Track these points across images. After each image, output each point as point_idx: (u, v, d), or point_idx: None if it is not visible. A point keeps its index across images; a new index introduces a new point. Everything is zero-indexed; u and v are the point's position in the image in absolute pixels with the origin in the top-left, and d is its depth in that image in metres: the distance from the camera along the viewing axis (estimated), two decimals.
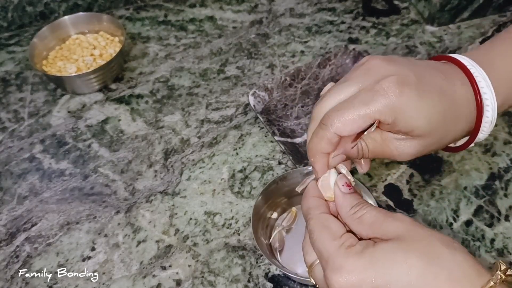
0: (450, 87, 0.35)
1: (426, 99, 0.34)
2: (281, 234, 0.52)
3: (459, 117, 0.35)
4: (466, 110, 0.35)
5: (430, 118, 0.34)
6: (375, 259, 0.29)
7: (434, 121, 0.34)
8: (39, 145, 0.64)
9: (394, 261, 0.29)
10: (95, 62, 0.71)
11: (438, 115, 0.34)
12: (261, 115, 0.63)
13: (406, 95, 0.33)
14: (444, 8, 0.74)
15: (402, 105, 0.33)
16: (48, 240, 0.54)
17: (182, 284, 0.50)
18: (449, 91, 0.35)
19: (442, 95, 0.34)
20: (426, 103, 0.34)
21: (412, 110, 0.33)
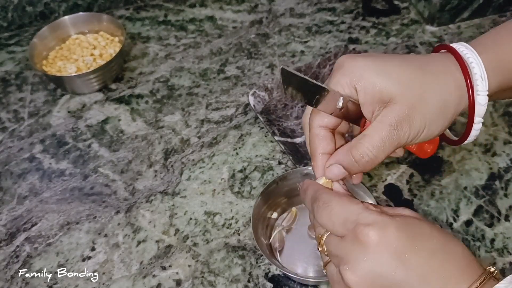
0: (421, 57, 0.35)
1: (386, 62, 0.34)
2: (281, 234, 0.52)
3: (439, 81, 0.34)
4: (446, 80, 0.34)
5: (395, 75, 0.33)
6: (407, 224, 0.30)
7: (402, 78, 0.33)
8: (39, 145, 0.64)
9: (422, 229, 0.30)
10: (95, 62, 0.71)
11: (404, 76, 0.33)
12: (261, 115, 0.63)
13: (361, 61, 0.34)
14: (444, 8, 0.74)
15: (359, 70, 0.33)
16: (48, 240, 0.54)
17: (182, 284, 0.50)
18: (422, 60, 0.34)
19: (407, 60, 0.34)
20: (385, 63, 0.34)
21: (372, 72, 0.33)
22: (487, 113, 0.63)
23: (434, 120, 0.34)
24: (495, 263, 0.49)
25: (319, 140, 0.36)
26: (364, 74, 0.33)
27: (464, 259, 0.30)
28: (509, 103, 0.64)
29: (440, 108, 0.34)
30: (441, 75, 0.34)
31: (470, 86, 0.34)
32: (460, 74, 0.34)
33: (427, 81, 0.33)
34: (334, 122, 0.36)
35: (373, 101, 0.34)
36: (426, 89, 0.33)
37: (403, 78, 0.33)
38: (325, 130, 0.36)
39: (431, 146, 0.43)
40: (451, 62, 0.34)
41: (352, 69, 0.34)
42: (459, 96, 0.34)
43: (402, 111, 0.33)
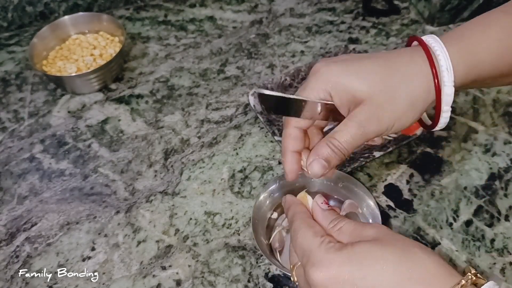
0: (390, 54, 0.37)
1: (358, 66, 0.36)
2: (281, 234, 0.52)
3: (405, 74, 0.36)
4: (414, 75, 0.36)
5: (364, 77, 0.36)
6: (353, 254, 0.31)
7: (371, 80, 0.36)
8: (39, 145, 0.64)
9: (371, 256, 0.30)
10: (95, 62, 0.71)
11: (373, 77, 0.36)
12: (261, 115, 0.63)
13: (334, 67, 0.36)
14: (444, 8, 0.74)
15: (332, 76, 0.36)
16: (48, 240, 0.54)
17: (182, 284, 0.50)
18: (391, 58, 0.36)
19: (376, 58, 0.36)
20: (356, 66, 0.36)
21: (345, 77, 0.36)
22: (487, 113, 0.63)
23: (404, 115, 0.36)
24: (495, 263, 0.49)
25: (291, 139, 0.39)
26: (337, 80, 0.36)
27: (427, 274, 0.29)
28: (509, 103, 0.64)
29: (409, 103, 0.36)
30: (409, 74, 0.36)
31: (436, 78, 0.36)
32: (427, 68, 0.36)
33: (395, 79, 0.36)
34: (309, 123, 0.39)
35: (348, 103, 0.37)
36: (395, 87, 0.36)
37: (372, 79, 0.36)
38: (298, 130, 0.39)
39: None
40: (419, 56, 0.37)
41: (326, 75, 0.37)
42: (427, 89, 0.36)
43: (370, 110, 0.36)
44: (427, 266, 0.29)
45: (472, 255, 0.50)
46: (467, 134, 0.61)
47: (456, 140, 0.61)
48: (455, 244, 0.51)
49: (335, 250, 0.31)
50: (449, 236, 0.52)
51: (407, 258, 0.30)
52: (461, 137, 0.61)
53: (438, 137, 0.61)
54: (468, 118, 0.63)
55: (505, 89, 0.66)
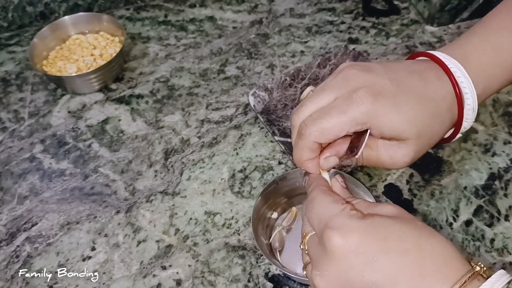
0: (427, 86, 0.36)
1: (404, 103, 0.34)
2: (281, 234, 0.52)
3: (442, 112, 0.36)
4: (446, 104, 0.36)
5: (413, 120, 0.34)
6: (376, 224, 0.30)
7: (418, 123, 0.35)
8: (39, 145, 0.64)
9: (393, 229, 0.30)
10: (95, 62, 0.71)
11: (421, 116, 0.35)
12: (261, 115, 0.63)
13: (380, 102, 0.34)
14: (444, 8, 0.74)
15: (378, 112, 0.34)
16: (49, 240, 0.54)
17: (182, 284, 0.50)
18: (427, 90, 0.36)
19: (420, 96, 0.35)
20: (404, 106, 0.34)
21: (390, 115, 0.34)
22: (486, 113, 0.63)
23: (432, 140, 0.37)
24: (495, 263, 0.50)
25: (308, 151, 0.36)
26: (383, 119, 0.34)
27: (445, 257, 0.29)
28: (509, 103, 0.64)
29: (443, 133, 0.38)
30: (443, 110, 0.36)
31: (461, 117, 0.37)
32: (454, 103, 0.36)
33: (435, 122, 0.36)
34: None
35: (387, 136, 0.35)
36: (435, 128, 0.36)
37: (417, 121, 0.35)
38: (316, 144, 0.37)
39: None
40: (449, 93, 0.36)
41: (371, 109, 0.34)
42: (452, 121, 0.37)
43: (415, 150, 0.36)
44: (447, 247, 0.30)
45: (472, 255, 0.50)
46: (467, 134, 0.61)
47: (456, 140, 0.61)
48: (455, 244, 0.51)
49: (357, 218, 0.31)
50: (449, 236, 0.52)
51: (429, 236, 0.30)
52: (460, 137, 0.61)
53: None
54: None
55: (505, 89, 0.66)
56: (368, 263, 0.29)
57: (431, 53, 0.37)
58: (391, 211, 0.32)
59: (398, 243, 0.29)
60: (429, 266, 0.28)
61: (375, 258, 0.29)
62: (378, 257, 0.29)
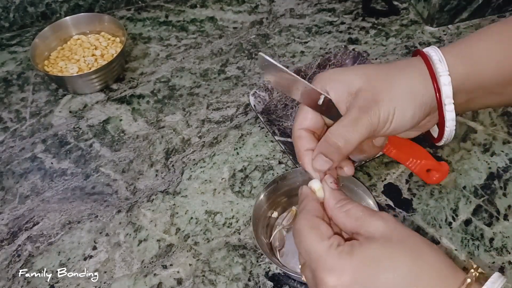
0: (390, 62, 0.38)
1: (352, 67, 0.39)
2: (281, 233, 0.52)
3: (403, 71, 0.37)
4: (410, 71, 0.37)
5: (361, 71, 0.37)
6: (365, 258, 0.30)
7: (367, 73, 0.37)
8: (40, 145, 0.65)
9: (383, 258, 0.30)
10: (96, 62, 0.71)
11: (369, 70, 0.37)
12: (262, 115, 0.63)
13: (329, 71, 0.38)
14: (444, 8, 0.74)
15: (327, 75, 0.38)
16: (50, 239, 0.54)
17: (183, 283, 0.50)
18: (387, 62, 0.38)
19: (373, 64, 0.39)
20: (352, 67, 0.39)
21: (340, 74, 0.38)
22: (485, 113, 0.63)
23: (403, 104, 0.36)
24: (494, 262, 0.50)
25: (301, 140, 0.39)
26: (332, 77, 0.38)
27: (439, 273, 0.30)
28: None
29: (407, 93, 0.36)
30: (405, 68, 0.37)
31: (431, 71, 0.36)
32: (423, 65, 0.37)
33: (391, 72, 0.37)
34: (314, 124, 0.39)
35: (344, 96, 0.37)
36: (391, 78, 0.37)
37: (368, 73, 0.37)
38: (305, 131, 0.39)
39: (438, 174, 0.44)
40: (416, 59, 0.38)
41: (322, 76, 0.38)
42: (424, 82, 0.37)
43: (368, 95, 0.36)
44: (436, 266, 0.30)
45: (471, 254, 0.50)
46: (466, 134, 0.61)
47: (455, 139, 0.61)
48: (454, 243, 0.51)
49: (346, 253, 0.31)
50: (448, 236, 0.52)
51: (418, 258, 0.30)
52: (460, 137, 0.61)
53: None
54: (467, 118, 0.63)
55: None
56: None
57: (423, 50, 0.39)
58: (381, 228, 0.32)
59: (389, 273, 0.30)
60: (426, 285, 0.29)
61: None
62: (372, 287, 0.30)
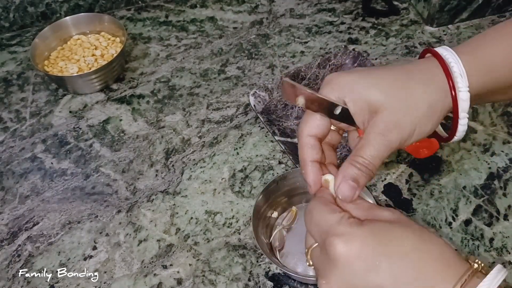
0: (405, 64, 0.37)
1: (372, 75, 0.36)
2: (281, 233, 0.52)
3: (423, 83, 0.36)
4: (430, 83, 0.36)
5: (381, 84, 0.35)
6: (376, 230, 0.31)
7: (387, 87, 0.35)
8: (40, 145, 0.65)
9: (393, 233, 0.31)
10: (96, 62, 0.71)
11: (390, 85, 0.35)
12: (262, 115, 0.63)
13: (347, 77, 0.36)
14: (444, 8, 0.74)
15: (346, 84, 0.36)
16: (50, 239, 0.54)
17: (183, 283, 0.50)
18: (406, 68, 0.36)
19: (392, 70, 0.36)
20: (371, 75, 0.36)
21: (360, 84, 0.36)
22: (485, 113, 0.63)
23: (423, 122, 0.36)
24: (494, 262, 0.50)
25: (308, 149, 0.38)
26: (352, 87, 0.36)
27: (444, 258, 0.30)
28: (508, 103, 0.65)
29: (427, 110, 0.36)
30: (425, 79, 0.36)
31: (452, 84, 0.35)
32: (442, 75, 0.36)
33: (411, 87, 0.35)
34: (322, 132, 0.38)
35: (362, 111, 0.36)
36: (412, 95, 0.35)
37: (388, 88, 0.35)
38: (313, 139, 0.38)
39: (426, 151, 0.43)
40: (434, 65, 0.36)
41: (340, 84, 0.36)
42: (443, 95, 0.36)
43: (389, 118, 0.35)
44: (444, 249, 0.30)
45: (471, 254, 0.51)
46: (466, 134, 0.61)
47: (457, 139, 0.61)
48: (454, 243, 0.51)
49: (357, 224, 0.31)
50: (448, 235, 0.52)
51: (426, 239, 0.31)
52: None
53: None
54: None
55: None
56: (371, 268, 0.30)
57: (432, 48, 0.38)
58: (389, 216, 0.33)
59: (398, 247, 0.30)
60: (430, 268, 0.29)
61: (377, 263, 0.30)
62: (380, 261, 0.30)
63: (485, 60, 0.36)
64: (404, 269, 0.29)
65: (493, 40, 0.38)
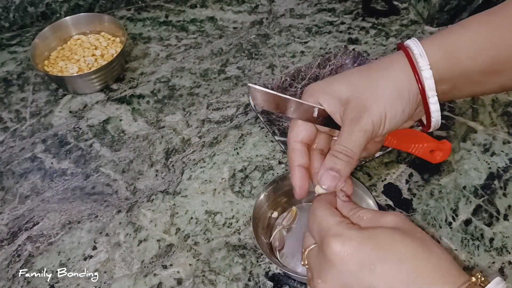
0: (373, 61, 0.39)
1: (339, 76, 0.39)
2: (281, 233, 0.52)
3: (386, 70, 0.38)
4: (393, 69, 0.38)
5: (346, 79, 0.39)
6: (375, 235, 0.31)
7: (353, 80, 0.38)
8: (40, 145, 0.65)
9: (392, 241, 0.31)
10: (96, 62, 0.71)
11: (354, 78, 0.38)
12: (262, 115, 0.63)
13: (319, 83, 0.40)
14: (444, 8, 0.74)
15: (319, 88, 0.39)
16: (50, 239, 0.54)
17: (183, 283, 0.50)
18: (371, 62, 0.39)
19: (357, 68, 0.39)
20: (338, 76, 0.39)
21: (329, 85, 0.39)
22: (485, 113, 0.63)
23: (392, 104, 0.37)
24: (494, 262, 0.50)
25: (295, 154, 0.40)
26: (322, 89, 0.39)
27: (441, 268, 0.30)
28: (508, 103, 0.65)
29: (394, 91, 0.37)
30: (389, 67, 0.38)
31: (412, 65, 0.37)
32: (404, 59, 0.37)
33: (374, 75, 0.38)
34: (308, 137, 0.40)
35: (336, 108, 0.38)
36: (376, 81, 0.37)
37: (355, 81, 0.38)
38: (300, 144, 0.40)
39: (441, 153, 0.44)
40: (397, 54, 0.39)
41: (312, 89, 0.39)
42: (408, 78, 0.37)
43: (358, 104, 0.37)
44: (442, 259, 0.30)
45: (471, 254, 0.51)
46: (466, 134, 0.61)
47: (455, 139, 0.61)
48: (454, 243, 0.51)
49: (356, 228, 0.32)
50: (448, 235, 0.52)
51: (425, 248, 0.31)
52: (460, 137, 0.61)
53: (437, 136, 0.61)
54: (467, 118, 0.63)
55: None
56: (366, 270, 0.30)
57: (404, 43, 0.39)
58: (393, 221, 0.33)
59: (394, 252, 0.30)
60: (425, 277, 0.29)
61: (372, 266, 0.30)
62: (376, 264, 0.30)
63: (447, 44, 0.37)
64: (399, 275, 0.29)
65: (455, 29, 0.39)
